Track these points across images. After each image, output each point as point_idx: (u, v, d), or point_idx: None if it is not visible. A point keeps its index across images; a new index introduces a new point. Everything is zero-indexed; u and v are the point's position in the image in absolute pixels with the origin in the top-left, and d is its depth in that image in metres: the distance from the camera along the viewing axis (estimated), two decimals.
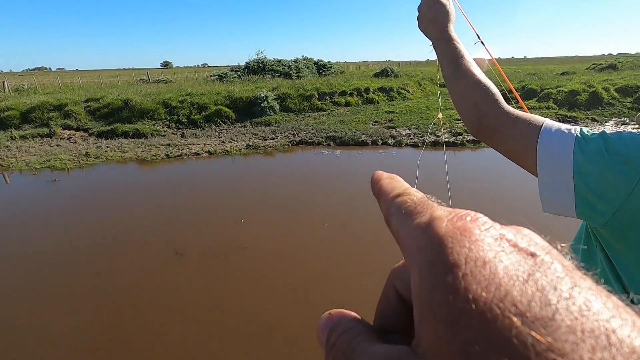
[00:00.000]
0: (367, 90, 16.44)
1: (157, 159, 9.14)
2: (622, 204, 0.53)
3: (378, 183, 0.21)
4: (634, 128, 10.93)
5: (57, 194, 6.86)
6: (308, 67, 24.48)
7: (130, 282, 3.92)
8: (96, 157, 9.22)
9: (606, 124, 11.74)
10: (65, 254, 4.56)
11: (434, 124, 9.33)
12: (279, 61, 24.24)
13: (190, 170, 8.41)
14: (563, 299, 0.11)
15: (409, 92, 17.57)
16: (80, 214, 5.84)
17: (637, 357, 0.10)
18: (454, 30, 0.77)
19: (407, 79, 19.92)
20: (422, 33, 0.82)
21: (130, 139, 10.94)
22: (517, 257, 0.13)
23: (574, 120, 12.02)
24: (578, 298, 0.11)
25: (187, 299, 3.60)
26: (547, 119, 0.62)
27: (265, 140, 10.64)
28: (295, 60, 25.39)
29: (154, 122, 12.30)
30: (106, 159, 9.17)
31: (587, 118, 12.20)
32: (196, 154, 9.49)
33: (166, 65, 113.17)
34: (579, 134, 0.59)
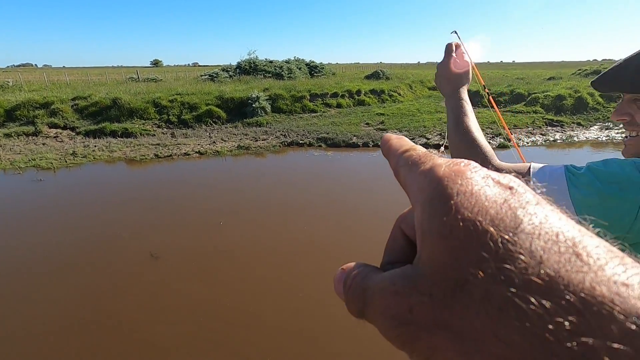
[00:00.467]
0: (358, 92, 16.52)
1: (146, 158, 9.03)
2: (631, 226, 0.55)
3: (388, 142, 0.24)
4: (617, 132, 11.23)
5: (38, 193, 6.72)
6: (300, 68, 24.47)
7: (107, 283, 3.86)
8: (83, 157, 9.06)
9: (591, 128, 12.02)
10: (40, 255, 4.45)
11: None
12: (271, 62, 24.19)
13: (177, 170, 8.33)
14: (528, 214, 0.15)
15: (400, 94, 17.72)
16: (61, 214, 5.72)
17: (574, 246, 0.14)
18: (465, 92, 0.84)
19: (399, 82, 20.09)
20: (436, 85, 0.92)
21: (119, 139, 10.79)
22: (497, 189, 0.16)
23: (560, 125, 12.28)
24: (539, 213, 0.15)
25: (163, 302, 3.57)
26: (532, 162, 0.67)
27: (257, 141, 10.61)
28: (287, 61, 25.36)
29: (144, 121, 12.16)
30: (94, 158, 9.02)
31: (573, 122, 12.48)
32: (186, 154, 9.40)
33: (156, 63, 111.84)
34: (566, 171, 0.61)
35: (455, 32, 0.92)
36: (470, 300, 0.14)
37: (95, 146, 9.92)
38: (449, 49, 0.88)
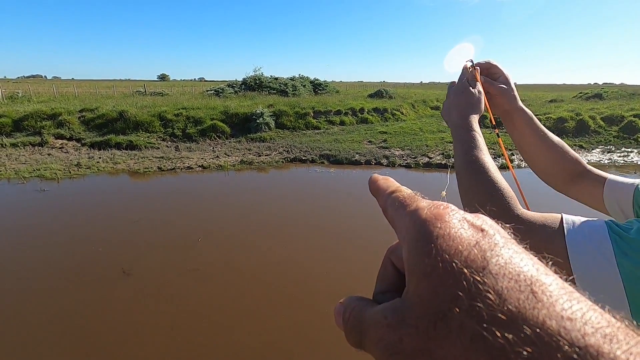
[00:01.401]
0: (361, 110, 16.71)
1: (149, 171, 9.08)
2: None
3: (375, 183, 0.27)
4: (619, 156, 11.24)
5: (38, 203, 6.73)
6: (304, 86, 24.84)
7: (80, 300, 3.77)
8: (87, 168, 9.13)
9: (593, 151, 12.05)
10: (20, 267, 4.40)
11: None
12: (276, 78, 24.60)
13: (176, 184, 8.36)
14: (495, 256, 0.18)
15: (402, 113, 17.90)
16: (53, 225, 5.70)
17: (532, 284, 0.17)
18: (477, 122, 0.73)
19: (401, 101, 20.33)
20: (444, 118, 0.80)
21: (123, 151, 10.88)
22: (471, 232, 0.19)
23: None
24: (505, 255, 0.18)
25: (135, 319, 3.51)
26: (562, 213, 0.55)
27: (260, 156, 10.67)
28: (292, 78, 25.79)
29: (149, 134, 12.29)
30: (97, 170, 9.08)
31: (575, 145, 12.53)
32: (189, 167, 9.46)
33: (163, 78, 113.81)
34: (610, 231, 0.50)
35: (472, 61, 0.80)
36: (449, 331, 0.17)
37: (100, 158, 10.00)
38: (465, 72, 0.79)
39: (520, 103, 0.82)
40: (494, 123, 0.87)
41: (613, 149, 12.22)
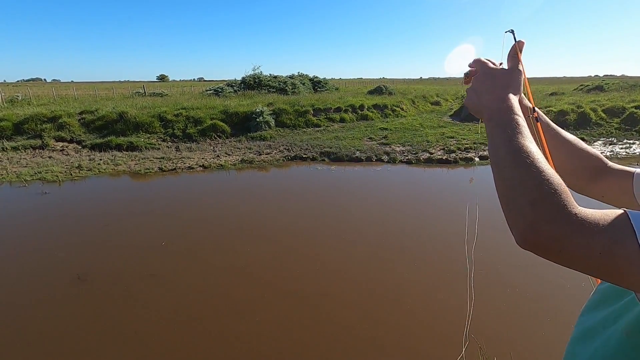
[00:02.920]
0: (361, 107, 16.67)
1: (150, 172, 9.09)
2: None
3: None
4: (621, 147, 11.17)
5: (38, 206, 6.74)
6: (304, 84, 24.79)
7: (33, 303, 3.71)
8: (89, 170, 9.14)
9: (595, 143, 11.99)
10: (22, 270, 4.42)
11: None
12: (275, 77, 24.54)
13: (171, 185, 8.36)
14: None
15: (402, 109, 17.85)
16: (35, 228, 5.73)
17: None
18: (518, 104, 0.60)
19: (401, 97, 20.27)
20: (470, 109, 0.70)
21: (124, 152, 10.89)
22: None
23: None
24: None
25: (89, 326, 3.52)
26: (625, 209, 0.47)
27: (260, 154, 10.66)
28: (291, 77, 25.74)
29: (149, 135, 12.29)
30: (99, 171, 9.09)
31: (577, 137, 12.45)
32: (190, 167, 9.45)
33: (162, 78, 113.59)
34: None
35: (512, 32, 0.68)
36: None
37: (101, 159, 10.01)
38: (514, 52, 0.68)
39: (526, 100, 0.75)
40: (532, 105, 0.73)
41: (615, 140, 12.16)
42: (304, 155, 10.44)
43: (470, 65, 0.72)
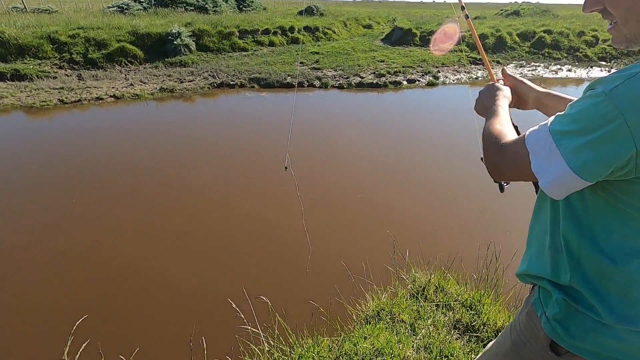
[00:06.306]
0: (292, 29, 15.58)
1: (48, 105, 7.80)
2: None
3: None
4: (529, 70, 12.26)
5: None
6: (226, 1, 22.07)
7: None
8: None
9: (507, 66, 12.96)
10: None
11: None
12: None
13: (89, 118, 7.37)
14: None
15: (334, 32, 17.11)
16: None
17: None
18: (505, 104, 0.95)
19: (333, 19, 19.26)
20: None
21: (8, 82, 9.06)
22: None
23: (482, 63, 13.02)
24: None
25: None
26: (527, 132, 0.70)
27: (182, 82, 9.68)
28: None
29: (39, 61, 10.27)
30: None
31: (493, 61, 13.31)
32: (99, 98, 8.30)
33: None
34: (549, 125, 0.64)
35: (463, 8, 1.22)
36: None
37: None
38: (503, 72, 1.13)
39: (539, 88, 1.01)
40: (462, 4, 1.37)
41: (524, 63, 13.26)
42: (231, 82, 9.73)
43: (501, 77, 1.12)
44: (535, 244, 0.81)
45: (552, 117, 0.64)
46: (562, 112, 0.62)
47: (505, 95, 0.97)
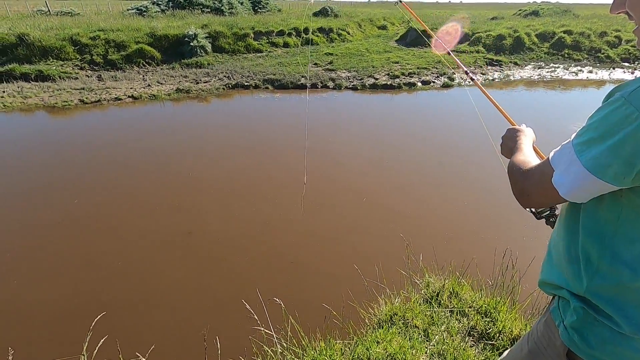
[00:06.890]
0: (306, 30, 15.64)
1: (69, 105, 8.03)
2: None
3: None
4: (547, 71, 11.98)
5: None
6: (242, 3, 22.32)
7: None
8: None
9: (525, 67, 12.69)
10: None
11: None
12: None
13: (108, 119, 7.56)
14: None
15: (349, 33, 17.10)
16: None
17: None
18: (529, 143, 0.98)
19: (347, 20, 19.25)
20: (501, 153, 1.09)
21: (33, 83, 9.37)
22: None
23: (499, 64, 12.79)
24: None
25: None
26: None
27: (198, 83, 9.83)
28: None
29: (62, 62, 10.60)
30: (4, 106, 7.82)
31: (511, 62, 13.06)
32: (117, 99, 8.50)
33: None
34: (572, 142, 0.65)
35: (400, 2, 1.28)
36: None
37: (4, 92, 8.56)
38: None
39: None
40: (465, 69, 1.49)
41: (543, 65, 12.96)
42: (245, 83, 9.82)
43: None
44: (554, 252, 0.80)
45: (574, 133, 0.64)
46: (583, 125, 0.62)
47: (526, 135, 1.00)
